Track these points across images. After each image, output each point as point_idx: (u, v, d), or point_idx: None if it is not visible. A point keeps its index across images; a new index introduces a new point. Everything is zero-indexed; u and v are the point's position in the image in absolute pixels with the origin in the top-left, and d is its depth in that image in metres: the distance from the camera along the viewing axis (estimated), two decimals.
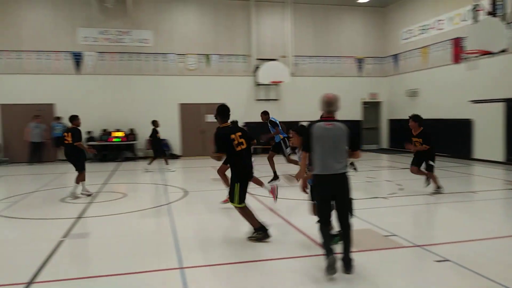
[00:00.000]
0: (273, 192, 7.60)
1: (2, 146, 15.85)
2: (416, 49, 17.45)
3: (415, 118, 8.30)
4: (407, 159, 10.37)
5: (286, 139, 9.89)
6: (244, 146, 5.47)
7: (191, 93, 17.42)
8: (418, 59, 17.29)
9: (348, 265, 4.18)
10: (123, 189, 10.14)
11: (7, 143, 15.90)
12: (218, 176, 8.07)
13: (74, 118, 9.02)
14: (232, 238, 5.71)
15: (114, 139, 16.23)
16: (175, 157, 17.02)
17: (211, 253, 5.13)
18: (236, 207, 5.47)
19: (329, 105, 4.28)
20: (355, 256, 4.31)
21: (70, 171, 13.59)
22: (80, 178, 8.85)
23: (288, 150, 9.99)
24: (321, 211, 4.31)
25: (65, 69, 16.33)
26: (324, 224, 4.28)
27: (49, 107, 16.17)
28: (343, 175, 4.22)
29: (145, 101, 16.92)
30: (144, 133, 16.54)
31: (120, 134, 16.34)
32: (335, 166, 4.15)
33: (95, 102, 16.44)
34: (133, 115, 16.81)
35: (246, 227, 5.58)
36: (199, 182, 11.08)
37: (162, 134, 17.05)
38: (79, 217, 7.01)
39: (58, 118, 15.83)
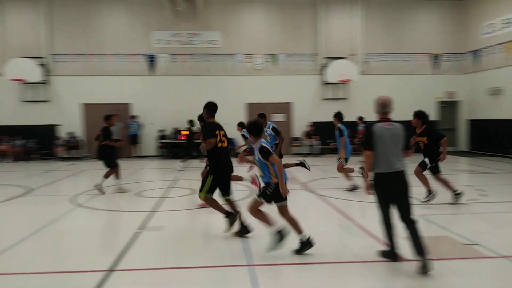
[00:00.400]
0: (255, 182, 7.57)
1: (86, 143, 17.15)
2: (499, 44, 16.10)
3: (418, 115, 7.35)
4: (491, 163, 9.56)
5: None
6: (225, 144, 5.86)
7: (258, 92, 17.59)
8: (502, 55, 15.95)
9: (423, 266, 4.12)
10: (193, 185, 10.47)
11: (89, 139, 17.16)
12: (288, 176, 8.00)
13: (108, 118, 9.35)
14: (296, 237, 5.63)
15: (183, 138, 16.83)
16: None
17: (280, 252, 5.11)
18: (202, 196, 5.79)
19: (384, 107, 4.49)
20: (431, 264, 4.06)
21: (145, 167, 14.37)
22: (109, 174, 9.12)
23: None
24: (383, 210, 4.47)
25: (140, 70, 17.28)
26: (386, 224, 4.46)
27: (126, 106, 17.21)
28: (403, 173, 4.38)
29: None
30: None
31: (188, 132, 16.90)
32: (396, 164, 4.34)
33: (167, 101, 17.22)
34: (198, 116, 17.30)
35: (305, 230, 5.48)
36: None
37: (229, 133, 17.34)
38: (153, 211, 7.35)
39: (134, 117, 16.80)
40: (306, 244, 4.86)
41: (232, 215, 5.73)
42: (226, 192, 5.87)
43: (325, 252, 4.97)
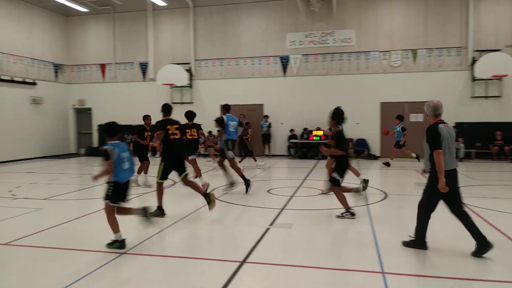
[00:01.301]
0: (204, 187, 8.47)
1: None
2: None
3: (333, 114, 6.68)
4: None
5: (230, 141, 8.94)
6: (177, 136, 6.86)
7: (394, 91, 16.55)
8: None
9: (485, 245, 4.62)
10: (321, 185, 10.28)
11: None
12: (421, 180, 7.28)
13: (145, 118, 10.46)
14: (438, 248, 5.00)
15: (314, 138, 16.77)
16: (373, 157, 16.45)
17: (413, 261, 4.63)
18: (157, 182, 6.82)
19: (437, 109, 4.85)
20: None
21: (275, 166, 14.68)
22: (140, 169, 10.05)
23: (231, 154, 8.97)
24: (433, 204, 4.86)
25: (273, 72, 17.78)
26: (428, 217, 4.91)
27: (259, 107, 17.89)
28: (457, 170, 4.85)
29: (345, 101, 16.87)
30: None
31: (320, 133, 16.79)
32: (455, 161, 4.83)
33: (298, 102, 17.37)
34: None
35: (467, 240, 4.81)
36: (399, 185, 10.35)
37: (360, 133, 16.77)
38: (283, 209, 7.38)
39: (266, 117, 17.37)
40: (117, 243, 5.08)
41: (160, 210, 6.78)
42: (181, 172, 6.85)
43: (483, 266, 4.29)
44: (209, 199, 6.57)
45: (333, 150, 6.45)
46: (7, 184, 10.52)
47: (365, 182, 7.88)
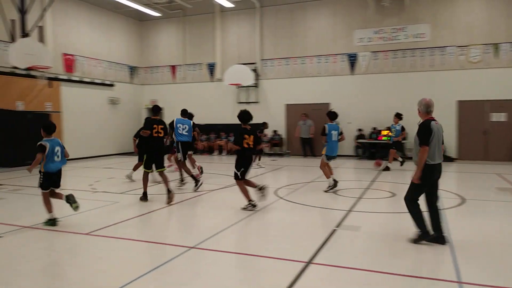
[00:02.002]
0: (198, 176, 9.75)
1: (286, 141, 18.33)
2: None
3: (238, 114, 7.45)
4: None
5: (179, 143, 9.57)
6: (160, 135, 8.03)
7: (473, 88, 15.41)
8: None
9: (443, 239, 5.11)
10: (391, 188, 9.85)
11: (289, 138, 18.29)
12: (505, 186, 6.68)
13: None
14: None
15: (383, 138, 16.13)
16: (449, 159, 15.44)
17: (494, 272, 4.24)
18: (144, 170, 8.03)
19: (429, 106, 5.29)
20: None
21: (341, 166, 14.36)
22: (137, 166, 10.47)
23: (180, 155, 9.60)
24: (420, 193, 5.18)
25: (340, 70, 17.39)
26: (418, 206, 5.16)
27: (325, 106, 17.57)
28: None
29: (417, 99, 16.04)
30: (415, 132, 15.85)
31: (387, 132, 16.08)
32: (441, 156, 5.17)
33: (366, 100, 16.82)
34: (404, 113, 16.23)
35: None
36: (479, 190, 9.60)
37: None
38: (350, 210, 7.17)
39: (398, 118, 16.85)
40: (50, 221, 6.17)
41: (144, 196, 8.07)
42: (159, 166, 8.08)
43: None
44: (171, 194, 7.79)
45: (230, 145, 7.33)
46: (88, 179, 11.36)
47: (335, 182, 8.92)
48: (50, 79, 15.51)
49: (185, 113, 10.16)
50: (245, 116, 7.26)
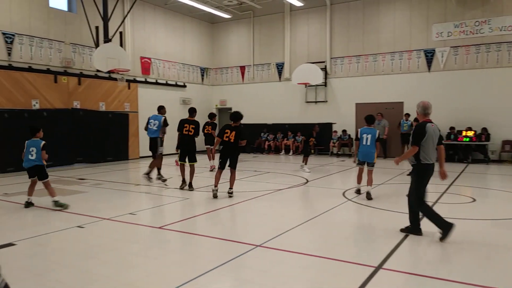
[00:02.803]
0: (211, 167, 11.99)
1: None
2: None
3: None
4: None
5: (159, 139, 10.34)
6: (191, 133, 9.19)
7: None
8: None
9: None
10: (471, 193, 9.13)
11: None
12: None
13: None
14: None
15: (464, 139, 15.01)
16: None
17: None
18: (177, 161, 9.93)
19: (426, 109, 5.50)
20: None
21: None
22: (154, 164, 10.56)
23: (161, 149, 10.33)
24: (423, 191, 5.44)
25: (416, 67, 16.50)
26: (425, 203, 5.44)
27: (398, 105, 16.78)
28: None
29: (502, 97, 14.77)
30: (499, 133, 14.59)
31: (470, 133, 14.96)
32: (435, 157, 5.45)
33: (444, 99, 15.74)
34: (487, 113, 15.02)
35: None
36: None
37: None
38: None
39: (407, 115, 16.11)
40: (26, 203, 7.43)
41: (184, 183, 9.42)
42: (190, 160, 9.22)
43: None
44: (184, 184, 9.30)
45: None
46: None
47: (358, 190, 8.62)
48: (128, 81, 16.54)
49: (159, 109, 10.87)
50: (236, 115, 8.41)
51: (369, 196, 8.12)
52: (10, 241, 5.33)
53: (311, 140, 12.72)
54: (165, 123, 10.51)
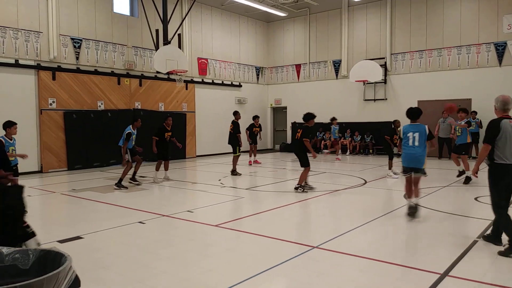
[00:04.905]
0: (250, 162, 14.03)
1: None
2: None
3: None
4: None
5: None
6: (232, 131, 12.00)
7: None
8: None
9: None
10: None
11: None
12: None
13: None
14: None
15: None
16: None
17: None
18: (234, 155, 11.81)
19: (506, 104, 5.03)
20: None
21: (485, 169, 12.67)
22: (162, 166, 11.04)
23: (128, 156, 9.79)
24: (499, 196, 4.84)
25: (485, 62, 15.39)
26: (506, 209, 4.81)
27: (465, 102, 15.74)
28: None
29: None
30: None
31: None
32: None
33: None
34: None
35: None
36: None
37: None
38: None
39: (474, 113, 15.06)
40: None
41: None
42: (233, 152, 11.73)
43: None
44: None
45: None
46: (217, 174, 12.10)
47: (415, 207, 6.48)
48: (186, 82, 17.00)
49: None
50: (304, 116, 9.00)
51: (412, 211, 6.36)
52: (78, 235, 5.64)
53: (395, 138, 10.76)
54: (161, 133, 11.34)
